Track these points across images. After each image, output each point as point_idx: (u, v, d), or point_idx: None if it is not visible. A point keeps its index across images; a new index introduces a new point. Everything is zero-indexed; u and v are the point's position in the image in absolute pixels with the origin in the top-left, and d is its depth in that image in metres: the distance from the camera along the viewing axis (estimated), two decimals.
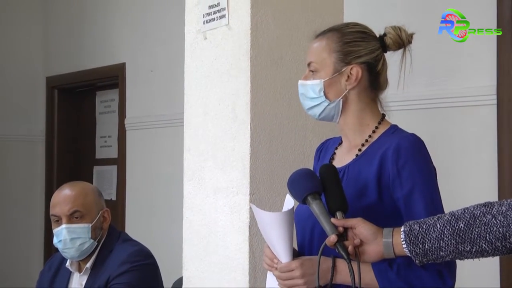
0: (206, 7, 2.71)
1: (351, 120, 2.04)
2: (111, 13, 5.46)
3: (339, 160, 2.06)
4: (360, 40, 2.02)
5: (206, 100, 2.74)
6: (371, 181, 1.94)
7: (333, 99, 2.01)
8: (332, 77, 2.00)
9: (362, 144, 2.02)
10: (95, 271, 3.00)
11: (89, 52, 5.63)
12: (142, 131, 5.15)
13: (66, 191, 3.04)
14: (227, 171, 2.62)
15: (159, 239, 3.98)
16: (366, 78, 2.01)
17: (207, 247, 2.70)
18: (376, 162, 1.94)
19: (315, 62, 2.02)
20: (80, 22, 5.74)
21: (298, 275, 1.91)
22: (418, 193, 1.89)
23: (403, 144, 1.93)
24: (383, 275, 1.87)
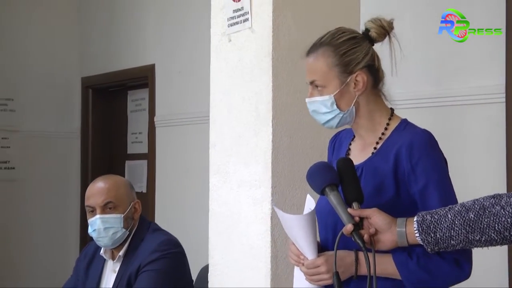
0: (231, 11, 2.71)
1: (363, 121, 2.04)
2: (141, 17, 5.47)
3: (355, 157, 2.04)
4: (353, 47, 2.00)
5: (230, 98, 2.74)
6: (388, 177, 1.93)
7: (346, 108, 2.00)
8: (341, 89, 1.99)
9: (377, 142, 2.02)
10: (127, 258, 3.01)
11: (121, 54, 5.65)
12: (170, 128, 5.15)
13: (100, 184, 3.06)
14: (250, 165, 2.62)
15: (187, 229, 3.99)
16: (370, 80, 2.01)
17: (231, 236, 2.71)
18: (392, 159, 1.94)
19: (318, 80, 2.00)
20: (112, 26, 5.76)
21: (324, 270, 1.92)
22: (432, 187, 1.89)
23: (415, 141, 1.92)
24: (404, 266, 1.87)
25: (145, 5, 5.44)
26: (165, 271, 2.94)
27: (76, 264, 3.26)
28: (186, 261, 3.09)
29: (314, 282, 1.96)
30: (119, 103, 5.98)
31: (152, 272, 2.92)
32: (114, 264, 3.05)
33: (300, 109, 2.57)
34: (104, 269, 3.10)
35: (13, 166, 5.82)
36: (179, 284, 3.02)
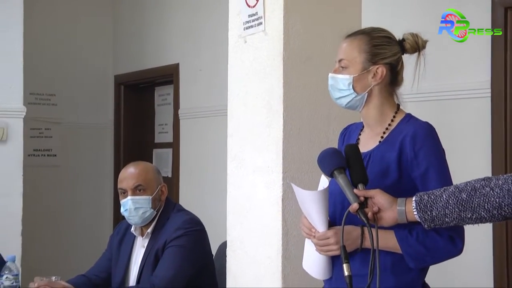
0: (246, 16, 2.70)
1: (372, 112, 2.03)
2: (167, 22, 5.47)
3: (363, 145, 2.04)
4: (386, 44, 2.01)
5: (246, 94, 2.74)
6: (392, 163, 1.93)
7: (360, 92, 2.00)
8: (361, 74, 1.99)
9: (383, 132, 2.01)
10: (155, 235, 3.02)
11: (149, 54, 5.66)
12: (193, 120, 5.16)
13: (131, 169, 3.06)
14: (263, 153, 2.62)
15: (207, 209, 3.99)
16: (388, 76, 2.01)
17: (247, 216, 2.70)
18: (397, 147, 1.94)
19: (346, 59, 2.00)
20: (142, 29, 5.76)
21: (333, 242, 1.92)
22: (432, 172, 1.89)
23: (418, 131, 1.93)
24: (404, 241, 1.87)
25: (171, 10, 5.44)
26: (188, 246, 2.94)
27: (110, 240, 3.28)
28: (206, 238, 3.09)
29: (323, 252, 1.97)
30: (147, 98, 5.99)
31: (177, 248, 2.93)
32: (143, 240, 3.06)
33: (308, 103, 2.56)
34: (134, 245, 3.11)
35: (55, 154, 5.84)
36: (200, 258, 3.02)
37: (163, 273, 2.87)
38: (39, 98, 5.69)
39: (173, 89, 5.41)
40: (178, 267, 2.89)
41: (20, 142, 4.55)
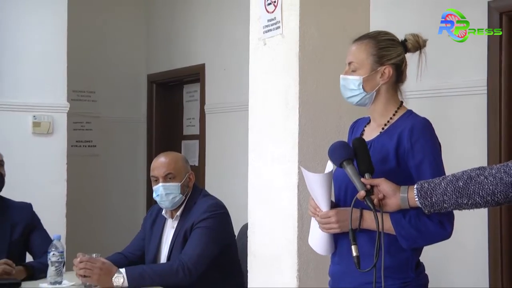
0: (266, 21, 2.70)
1: (379, 107, 2.03)
2: (194, 26, 5.47)
3: (367, 135, 2.05)
4: (391, 46, 2.00)
5: (265, 91, 2.73)
6: (391, 152, 1.93)
7: (369, 91, 2.00)
8: (370, 75, 1.98)
9: (385, 124, 2.01)
10: (183, 217, 3.03)
11: (178, 55, 5.66)
12: (217, 115, 5.16)
13: (162, 159, 3.07)
14: (280, 144, 2.62)
15: (230, 194, 3.99)
16: (394, 75, 2.00)
17: (266, 201, 2.71)
18: (395, 138, 1.93)
19: (355, 62, 2.00)
20: (172, 32, 5.77)
21: (334, 220, 1.92)
22: (426, 162, 1.88)
23: (416, 125, 1.92)
24: (398, 223, 1.87)
25: (197, 16, 5.44)
26: (213, 228, 2.95)
27: (144, 222, 3.29)
28: (229, 220, 3.09)
29: (325, 230, 1.97)
30: (177, 94, 6.00)
31: (203, 229, 2.93)
32: (173, 222, 3.07)
33: (322, 99, 2.56)
34: (165, 226, 3.12)
35: (95, 144, 5.88)
36: (224, 238, 3.03)
37: (191, 252, 2.88)
38: (81, 95, 5.72)
39: (200, 87, 5.42)
40: (204, 246, 2.90)
41: (64, 134, 4.58)
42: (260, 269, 2.72)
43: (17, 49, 4.42)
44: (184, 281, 2.83)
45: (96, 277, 2.71)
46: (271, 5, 2.67)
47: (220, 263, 2.97)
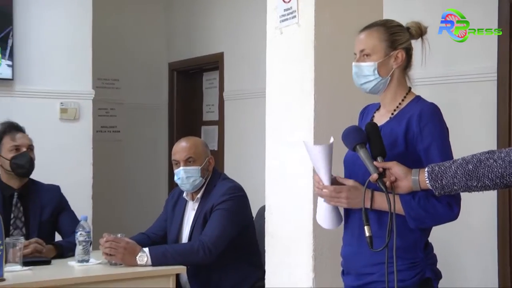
0: (282, 10, 2.69)
1: (389, 93, 2.02)
2: (213, 15, 5.46)
3: (377, 121, 2.04)
4: (400, 31, 1.99)
5: (282, 78, 2.73)
6: (400, 136, 1.92)
7: (384, 76, 1.98)
8: (384, 59, 1.97)
9: (394, 110, 2.00)
10: (203, 200, 3.05)
11: (198, 44, 5.66)
12: (236, 101, 5.16)
13: (183, 143, 3.09)
14: (297, 129, 2.61)
15: (248, 177, 4.00)
16: (405, 59, 1.99)
17: (283, 184, 2.71)
18: (404, 123, 1.92)
19: (367, 48, 1.98)
20: (191, 21, 5.76)
21: (344, 197, 1.92)
22: (434, 146, 1.87)
23: (425, 110, 1.91)
24: (407, 204, 1.86)
25: (216, 6, 5.42)
26: (231, 209, 2.97)
27: (166, 203, 3.31)
28: (247, 202, 3.11)
29: (331, 203, 1.96)
30: (197, 82, 6.01)
31: (222, 211, 2.95)
32: (194, 204, 3.09)
33: (336, 85, 2.55)
34: (186, 208, 3.15)
35: (119, 130, 5.91)
36: (242, 220, 3.04)
37: (210, 232, 2.90)
38: (105, 83, 5.75)
39: (219, 74, 5.42)
40: (223, 227, 2.92)
41: (90, 120, 4.62)
42: (277, 249, 2.72)
43: (45, 40, 4.45)
44: (204, 260, 2.85)
45: (121, 256, 2.75)
46: None
47: (238, 243, 2.99)
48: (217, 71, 5.49)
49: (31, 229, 3.09)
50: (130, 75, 5.92)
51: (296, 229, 2.59)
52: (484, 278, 3.21)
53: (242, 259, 3.03)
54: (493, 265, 3.14)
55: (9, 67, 4.25)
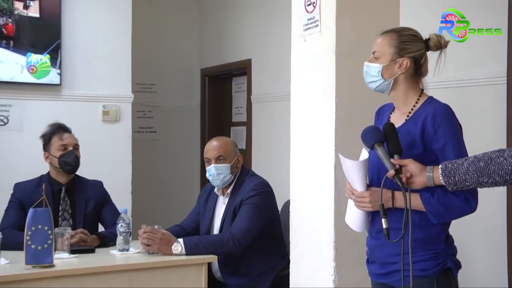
0: (306, 20, 2.68)
1: (399, 95, 2.00)
2: (242, 25, 5.46)
3: (394, 123, 2.00)
4: (412, 41, 1.97)
5: (306, 82, 2.72)
6: (416, 137, 1.90)
7: (387, 78, 1.98)
8: (389, 64, 1.96)
9: (409, 112, 1.98)
10: (233, 195, 3.06)
11: (227, 51, 5.67)
12: (262, 104, 5.16)
13: (214, 142, 3.10)
14: (319, 129, 2.61)
15: (274, 174, 4.00)
16: (412, 68, 1.97)
17: (306, 180, 2.70)
18: (420, 124, 1.90)
19: (378, 51, 1.98)
20: (222, 30, 5.77)
21: (368, 201, 1.92)
22: (449, 145, 1.85)
23: (438, 111, 1.89)
24: (427, 201, 1.85)
25: (245, 16, 5.43)
26: (259, 204, 2.97)
27: (198, 198, 3.33)
28: (273, 197, 3.11)
29: (360, 208, 1.97)
30: (226, 86, 6.02)
31: (250, 205, 2.96)
32: (224, 199, 3.10)
33: (356, 90, 2.53)
34: (217, 202, 3.16)
35: (155, 130, 5.94)
36: (269, 213, 3.04)
37: (239, 225, 2.91)
38: (143, 87, 5.78)
39: (247, 79, 5.42)
40: (251, 220, 2.93)
41: (129, 121, 4.65)
42: (301, 241, 2.72)
43: (89, 49, 4.49)
44: (233, 250, 2.87)
45: (157, 246, 2.77)
46: (311, 5, 2.65)
47: (265, 235, 2.99)
48: (245, 76, 5.49)
49: (77, 221, 3.12)
50: (166, 80, 5.94)
51: (318, 222, 2.59)
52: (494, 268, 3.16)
53: (268, 249, 3.04)
54: (502, 256, 3.09)
55: (58, 75, 4.31)
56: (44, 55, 4.24)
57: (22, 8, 4.19)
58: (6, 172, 4.02)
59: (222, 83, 6.05)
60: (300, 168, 2.75)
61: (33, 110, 4.26)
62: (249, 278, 2.98)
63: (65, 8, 4.36)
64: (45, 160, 3.16)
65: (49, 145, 3.15)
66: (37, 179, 3.14)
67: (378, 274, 2.03)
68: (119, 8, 4.61)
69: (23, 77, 4.19)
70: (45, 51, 4.24)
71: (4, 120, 4.23)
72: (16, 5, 4.16)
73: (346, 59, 2.53)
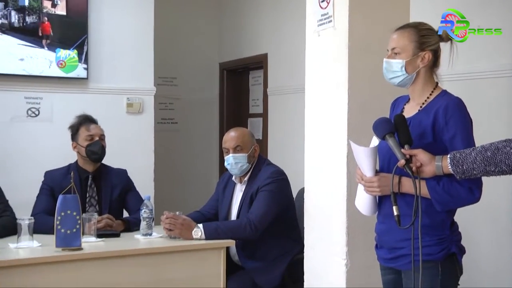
0: (320, 15, 2.67)
1: (417, 88, 1.99)
2: (258, 21, 5.45)
3: (407, 113, 2.01)
4: (430, 34, 1.96)
5: (319, 76, 2.71)
6: (428, 128, 1.89)
7: (410, 73, 1.96)
8: (412, 58, 1.94)
9: (423, 103, 1.97)
10: (250, 182, 3.07)
11: (245, 46, 5.66)
12: (278, 96, 5.15)
13: (232, 133, 3.11)
14: (332, 120, 2.60)
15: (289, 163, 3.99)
16: (432, 60, 1.96)
17: (320, 168, 2.70)
18: (432, 115, 1.89)
19: (398, 47, 1.96)
20: (239, 26, 5.77)
21: (376, 185, 1.92)
22: (458, 136, 1.84)
23: (450, 104, 1.87)
24: (433, 189, 1.84)
25: (261, 12, 5.41)
26: (274, 191, 2.97)
27: (217, 186, 3.34)
28: (289, 185, 3.11)
29: (369, 193, 1.97)
30: (244, 79, 6.01)
31: (266, 192, 2.96)
32: (241, 186, 3.11)
33: (368, 82, 2.52)
34: (235, 190, 3.17)
35: (177, 122, 5.96)
36: (284, 200, 3.05)
37: (256, 211, 2.92)
38: (165, 80, 5.80)
39: (263, 73, 5.41)
40: (267, 207, 2.93)
41: (152, 113, 4.67)
42: (315, 227, 2.73)
43: (114, 43, 4.51)
44: (250, 235, 2.88)
45: (179, 231, 2.79)
46: (324, 2, 2.64)
47: (280, 221, 3.00)
48: (261, 70, 5.48)
49: (103, 207, 3.15)
50: (186, 74, 5.95)
51: (331, 209, 2.59)
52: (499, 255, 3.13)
53: (283, 234, 3.04)
54: (507, 242, 3.07)
55: (85, 69, 4.34)
56: (72, 50, 4.27)
57: (50, 6, 4.22)
58: (37, 160, 4.07)
59: (240, 77, 6.05)
60: (314, 157, 2.75)
61: (62, 102, 4.30)
62: (265, 262, 2.99)
63: (91, 5, 4.38)
64: (73, 150, 3.19)
65: (77, 135, 3.17)
66: (66, 168, 3.17)
67: (386, 258, 2.03)
68: (142, 5, 4.62)
69: (52, 71, 4.23)
70: (72, 46, 4.27)
71: (35, 112, 4.27)
72: (44, 4, 4.20)
73: (358, 53, 2.51)
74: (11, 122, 4.18)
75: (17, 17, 4.10)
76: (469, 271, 2.07)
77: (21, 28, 4.12)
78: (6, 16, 4.08)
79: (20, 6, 4.12)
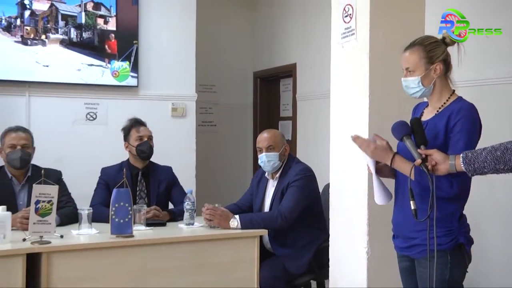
0: (343, 29, 2.67)
1: (435, 95, 1.98)
2: (289, 33, 5.44)
3: (425, 116, 2.01)
4: (436, 47, 1.94)
5: (343, 83, 2.71)
6: (441, 130, 1.88)
7: (427, 85, 1.95)
8: (425, 73, 1.94)
9: (439, 108, 1.96)
10: (281, 178, 3.07)
11: (276, 56, 5.67)
12: (306, 101, 5.14)
13: (265, 134, 3.12)
14: (354, 123, 2.60)
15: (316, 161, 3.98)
16: (444, 68, 1.95)
17: (343, 166, 2.70)
18: (445, 118, 1.88)
19: (410, 66, 1.96)
20: (270, 38, 5.77)
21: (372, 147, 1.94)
22: (460, 136, 1.83)
23: (462, 108, 1.87)
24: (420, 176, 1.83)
25: (291, 26, 5.40)
26: (303, 186, 2.98)
27: (251, 181, 3.36)
28: (316, 181, 3.11)
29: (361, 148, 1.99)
30: (275, 86, 6.01)
31: (296, 187, 2.97)
32: (273, 182, 3.12)
33: (387, 90, 2.51)
34: (267, 185, 3.18)
35: (215, 124, 5.98)
36: (311, 194, 3.05)
37: (286, 204, 2.93)
38: (205, 87, 5.82)
39: (292, 80, 5.40)
40: (296, 200, 2.94)
41: (193, 117, 4.71)
42: (339, 218, 2.73)
43: (161, 53, 4.57)
44: (281, 225, 2.89)
45: (217, 221, 2.82)
46: (348, 17, 2.64)
47: (308, 213, 3.00)
48: (291, 78, 5.48)
49: (151, 199, 3.20)
50: (224, 81, 5.98)
51: (354, 203, 2.59)
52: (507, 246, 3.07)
53: (311, 225, 3.05)
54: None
55: (134, 78, 4.43)
56: (124, 62, 4.36)
57: (103, 23, 4.33)
58: (94, 158, 4.16)
59: (272, 84, 6.05)
60: (338, 156, 2.75)
61: (115, 107, 4.39)
62: (295, 249, 3.00)
63: (141, 20, 4.46)
64: (125, 149, 3.26)
65: (128, 136, 3.24)
66: (119, 165, 3.24)
67: (401, 247, 2.02)
68: (185, 21, 4.67)
69: (105, 80, 4.32)
70: (124, 58, 4.36)
71: (93, 116, 4.38)
72: (98, 21, 4.30)
73: (378, 63, 2.51)
74: (73, 125, 4.31)
75: (75, 33, 4.22)
76: (477, 260, 2.04)
77: (79, 42, 4.23)
78: (66, 33, 4.20)
79: (78, 23, 4.24)
